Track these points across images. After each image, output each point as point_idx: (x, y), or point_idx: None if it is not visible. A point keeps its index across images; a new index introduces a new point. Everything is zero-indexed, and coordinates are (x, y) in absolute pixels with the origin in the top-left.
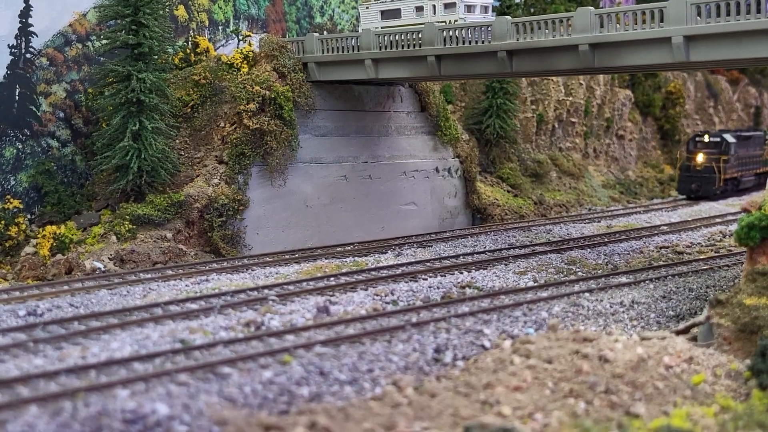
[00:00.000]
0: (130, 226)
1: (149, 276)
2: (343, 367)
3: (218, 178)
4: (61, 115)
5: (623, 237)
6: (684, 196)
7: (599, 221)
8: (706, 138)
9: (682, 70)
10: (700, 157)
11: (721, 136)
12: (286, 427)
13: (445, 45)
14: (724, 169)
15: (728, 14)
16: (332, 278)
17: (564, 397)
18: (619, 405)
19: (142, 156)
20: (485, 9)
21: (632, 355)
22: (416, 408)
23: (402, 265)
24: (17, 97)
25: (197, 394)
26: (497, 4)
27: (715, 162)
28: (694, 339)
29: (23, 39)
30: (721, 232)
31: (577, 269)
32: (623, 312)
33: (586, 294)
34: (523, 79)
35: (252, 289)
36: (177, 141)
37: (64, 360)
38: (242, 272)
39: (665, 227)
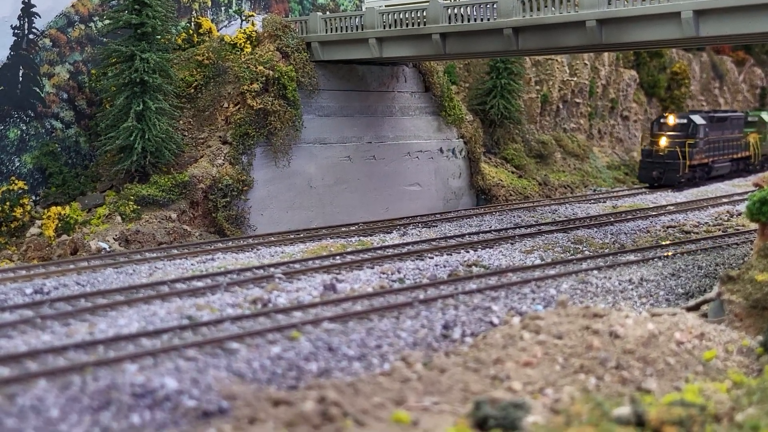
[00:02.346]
0: (135, 206)
1: (155, 255)
2: (352, 343)
3: (222, 158)
4: (65, 96)
5: (629, 217)
6: (647, 185)
7: (604, 201)
8: (671, 120)
9: (692, 47)
10: (664, 141)
11: (689, 118)
12: (295, 402)
13: (450, 23)
14: (690, 155)
15: None
16: (338, 257)
17: (575, 372)
18: (631, 380)
19: (146, 136)
20: None
21: (643, 331)
22: (426, 383)
23: (408, 244)
24: (21, 79)
25: (206, 369)
26: None
27: (680, 146)
28: (704, 315)
29: (26, 20)
30: (728, 211)
31: (584, 248)
32: (632, 289)
33: (595, 272)
34: (528, 59)
35: (258, 268)
36: (181, 122)
37: (72, 336)
38: (247, 251)
39: (671, 207)
